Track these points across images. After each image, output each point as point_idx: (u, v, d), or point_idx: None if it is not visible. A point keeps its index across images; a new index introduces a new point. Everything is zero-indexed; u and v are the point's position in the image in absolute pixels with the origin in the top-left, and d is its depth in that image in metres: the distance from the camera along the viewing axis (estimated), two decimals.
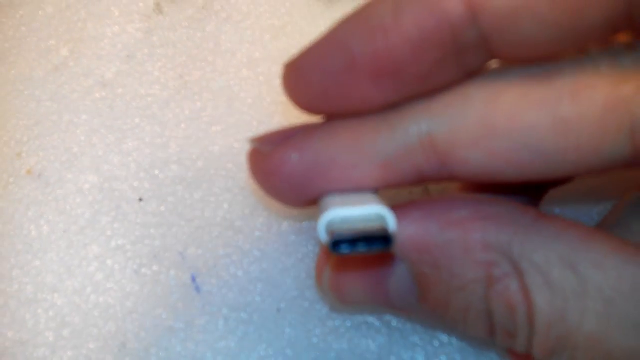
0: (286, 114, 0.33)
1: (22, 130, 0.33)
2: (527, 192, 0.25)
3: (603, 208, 0.30)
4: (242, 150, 0.32)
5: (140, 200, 0.31)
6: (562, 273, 0.19)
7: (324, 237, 0.20)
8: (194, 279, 0.29)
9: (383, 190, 0.22)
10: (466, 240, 0.20)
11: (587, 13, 0.18)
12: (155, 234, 0.30)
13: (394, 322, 0.29)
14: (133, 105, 0.33)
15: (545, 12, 0.18)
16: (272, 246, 0.30)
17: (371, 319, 0.29)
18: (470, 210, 0.21)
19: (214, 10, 0.35)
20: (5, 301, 0.29)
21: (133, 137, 0.32)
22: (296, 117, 0.32)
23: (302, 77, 0.21)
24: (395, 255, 0.22)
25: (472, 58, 0.20)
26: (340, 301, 0.24)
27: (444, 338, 0.28)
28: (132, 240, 0.30)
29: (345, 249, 0.19)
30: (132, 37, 0.34)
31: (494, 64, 0.21)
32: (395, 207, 0.21)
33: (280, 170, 0.23)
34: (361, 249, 0.19)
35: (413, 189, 0.31)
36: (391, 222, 0.20)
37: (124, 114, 0.33)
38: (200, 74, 0.34)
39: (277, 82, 0.33)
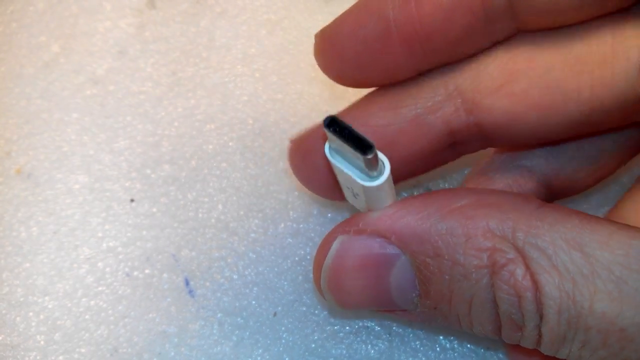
0: (282, 112, 0.32)
1: (12, 129, 0.32)
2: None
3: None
4: (236, 148, 0.31)
5: (132, 200, 0.30)
6: (569, 255, 0.19)
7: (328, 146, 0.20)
8: (187, 282, 0.29)
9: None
10: (468, 228, 0.20)
11: None
12: (147, 236, 0.30)
13: (395, 327, 0.28)
14: (125, 102, 0.32)
15: None
16: (268, 248, 0.29)
17: (371, 324, 0.28)
18: (471, 199, 0.21)
19: (208, 4, 0.34)
20: None
21: (124, 136, 0.31)
22: (292, 114, 0.32)
23: (337, 45, 0.22)
24: (395, 243, 0.21)
25: (498, 26, 0.21)
26: (340, 303, 0.23)
27: (446, 343, 0.28)
28: (123, 242, 0.29)
29: (335, 131, 0.19)
30: (124, 33, 0.34)
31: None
32: (397, 201, 0.21)
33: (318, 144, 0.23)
34: (346, 141, 0.19)
35: (415, 190, 0.31)
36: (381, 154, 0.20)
37: (116, 112, 0.32)
38: (193, 70, 0.33)
39: (274, 79, 0.33)
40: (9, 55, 0.33)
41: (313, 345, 0.28)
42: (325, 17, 0.34)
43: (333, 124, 0.19)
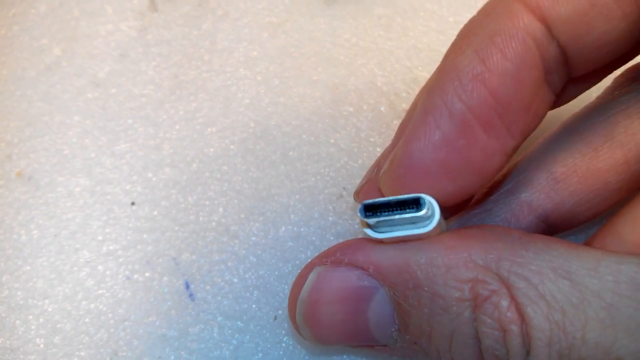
0: (285, 115, 0.32)
1: (13, 132, 0.32)
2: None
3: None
4: (238, 152, 0.31)
5: (133, 204, 0.30)
6: (557, 283, 0.18)
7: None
8: (187, 286, 0.29)
9: None
10: (449, 258, 0.19)
11: None
12: (148, 239, 0.29)
13: None
14: (126, 105, 0.32)
15: (611, 6, 0.18)
16: (269, 252, 0.29)
17: None
18: (452, 231, 0.20)
19: (210, 7, 0.34)
20: None
21: (126, 139, 0.31)
22: (294, 117, 0.31)
23: (415, 167, 0.20)
24: (373, 275, 0.21)
25: (556, 76, 0.20)
26: (317, 338, 0.23)
27: None
28: (124, 245, 0.29)
29: (377, 216, 0.19)
30: (125, 35, 0.34)
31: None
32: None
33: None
34: (394, 214, 0.19)
35: None
36: (428, 197, 0.19)
37: (117, 115, 0.32)
38: (195, 74, 0.33)
39: (276, 82, 0.32)
40: (11, 58, 0.33)
41: (313, 350, 0.27)
42: (327, 20, 0.34)
43: (370, 209, 0.19)
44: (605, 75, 0.23)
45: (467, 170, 0.20)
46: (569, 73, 0.20)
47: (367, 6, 0.34)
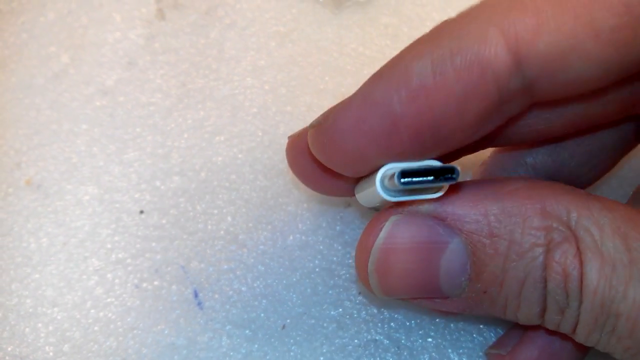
0: (292, 124, 0.32)
1: (22, 140, 0.32)
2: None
3: None
4: (245, 160, 0.31)
5: (141, 212, 0.30)
6: (614, 242, 0.19)
7: (383, 185, 0.20)
8: (196, 294, 0.29)
9: None
10: (524, 208, 0.20)
11: (634, 45, 0.18)
12: (157, 247, 0.30)
13: (403, 340, 0.28)
14: (134, 114, 0.32)
15: (592, 49, 0.18)
16: (277, 261, 0.29)
17: (380, 337, 0.28)
18: (525, 183, 0.21)
19: (217, 16, 0.34)
20: (4, 315, 0.29)
21: (134, 147, 0.31)
22: (301, 126, 0.31)
23: (336, 141, 0.21)
24: (450, 225, 0.21)
25: (514, 105, 0.20)
26: (384, 288, 0.23)
27: (455, 357, 0.28)
28: (132, 253, 0.30)
29: (410, 183, 0.19)
30: (133, 44, 0.34)
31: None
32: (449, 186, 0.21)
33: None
34: (426, 182, 0.19)
35: None
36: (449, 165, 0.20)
37: (125, 123, 0.32)
38: (203, 82, 0.33)
39: (283, 91, 0.33)
40: (19, 66, 0.34)
41: (322, 358, 0.28)
42: (334, 30, 0.34)
43: (406, 175, 0.19)
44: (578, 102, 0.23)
45: (381, 160, 0.21)
46: (533, 99, 0.20)
47: (374, 16, 0.34)
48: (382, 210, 0.23)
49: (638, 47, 0.18)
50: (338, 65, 0.33)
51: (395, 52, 0.20)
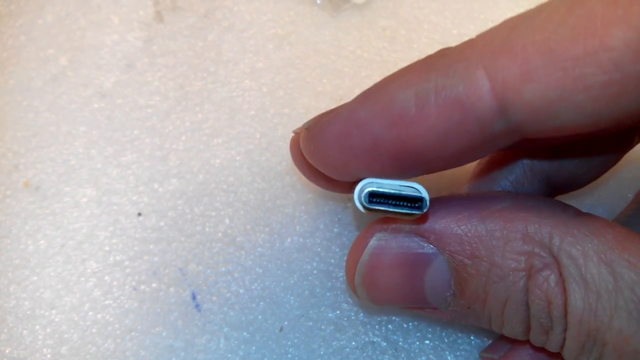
0: (290, 126, 0.32)
1: (20, 142, 0.32)
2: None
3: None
4: (243, 163, 0.31)
5: (139, 214, 0.30)
6: (598, 269, 0.19)
7: (358, 198, 0.21)
8: (194, 296, 0.29)
9: None
10: (508, 230, 0.20)
11: (624, 100, 0.17)
12: (155, 250, 0.30)
13: (401, 342, 0.28)
14: (132, 116, 0.32)
15: (583, 102, 0.17)
16: (275, 263, 0.29)
17: (377, 339, 0.28)
18: (511, 202, 0.21)
19: (215, 18, 0.34)
20: (2, 317, 0.29)
21: (132, 149, 0.31)
22: None
23: (322, 148, 0.21)
24: (433, 243, 0.22)
25: (500, 141, 0.20)
26: (372, 299, 0.24)
27: (452, 359, 0.28)
28: (130, 255, 0.30)
29: (377, 205, 0.20)
30: (131, 46, 0.34)
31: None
32: (434, 199, 0.21)
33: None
34: (393, 207, 0.20)
35: None
36: (424, 191, 0.20)
37: (123, 125, 0.32)
38: (201, 84, 0.33)
39: (281, 93, 0.33)
40: (18, 68, 0.34)
41: None
42: (332, 32, 0.34)
43: (374, 196, 0.20)
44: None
45: (365, 172, 0.21)
46: (521, 136, 0.20)
47: (372, 18, 0.34)
48: (370, 223, 0.23)
49: (628, 100, 0.17)
50: (336, 68, 0.33)
51: (392, 55, 0.21)
